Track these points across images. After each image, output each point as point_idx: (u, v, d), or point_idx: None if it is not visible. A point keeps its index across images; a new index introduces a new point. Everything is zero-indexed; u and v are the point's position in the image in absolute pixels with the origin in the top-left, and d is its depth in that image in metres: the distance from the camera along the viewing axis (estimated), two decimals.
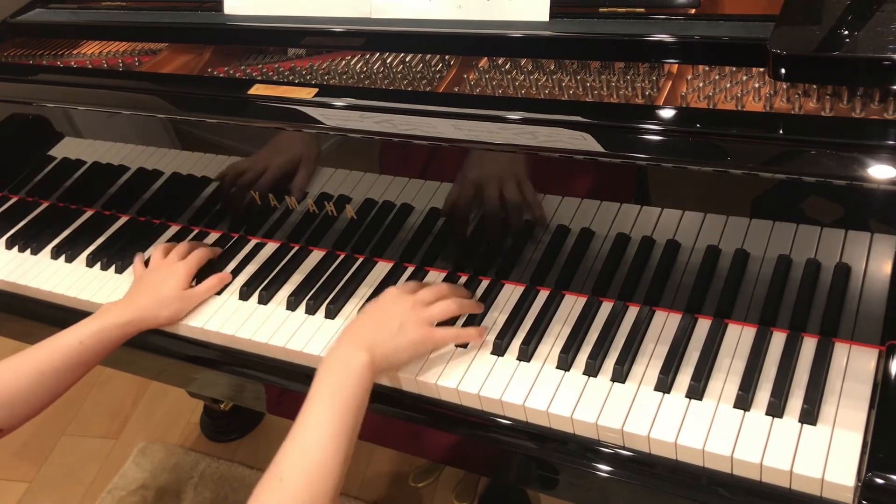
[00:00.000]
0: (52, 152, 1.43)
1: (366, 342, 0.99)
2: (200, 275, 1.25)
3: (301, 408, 0.93)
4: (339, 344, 1.01)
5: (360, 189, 1.17)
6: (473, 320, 1.10)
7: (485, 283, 1.15)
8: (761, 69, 0.99)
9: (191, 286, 1.22)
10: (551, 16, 1.09)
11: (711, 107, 0.98)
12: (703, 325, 1.03)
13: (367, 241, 1.23)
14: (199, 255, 1.26)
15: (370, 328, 1.02)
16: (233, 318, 1.18)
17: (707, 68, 1.03)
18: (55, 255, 1.37)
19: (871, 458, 0.82)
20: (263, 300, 1.20)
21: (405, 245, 1.20)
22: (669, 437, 0.90)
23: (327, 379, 0.96)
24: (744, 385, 0.93)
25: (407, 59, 1.22)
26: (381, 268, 1.22)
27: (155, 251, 1.28)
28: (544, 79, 1.10)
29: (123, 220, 1.43)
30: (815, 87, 0.94)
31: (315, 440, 0.90)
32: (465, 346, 1.06)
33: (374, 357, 0.98)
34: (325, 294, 1.18)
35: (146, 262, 1.28)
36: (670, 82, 1.03)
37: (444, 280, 1.17)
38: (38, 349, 1.09)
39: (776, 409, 0.90)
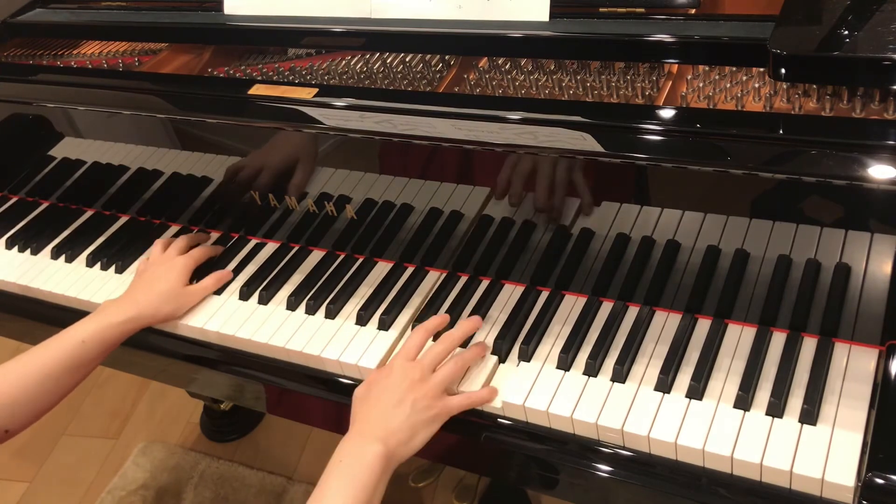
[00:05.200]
0: (52, 152, 1.43)
1: (378, 431, 0.93)
2: (202, 273, 1.25)
3: (309, 499, 0.89)
4: (350, 435, 0.95)
5: (360, 189, 1.17)
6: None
7: (485, 283, 1.15)
8: (761, 69, 0.99)
9: (190, 283, 1.22)
10: (551, 16, 1.09)
11: (711, 107, 0.98)
12: (703, 325, 1.02)
13: (367, 241, 1.23)
14: (200, 253, 1.26)
15: (380, 413, 0.95)
16: (233, 318, 1.18)
17: (707, 68, 1.03)
18: (55, 255, 1.37)
19: (871, 458, 0.81)
20: (263, 300, 1.20)
21: (405, 245, 1.20)
22: (669, 437, 0.90)
23: (338, 474, 0.90)
24: (744, 385, 0.93)
25: (407, 59, 1.22)
26: (381, 268, 1.22)
27: (155, 245, 1.28)
28: (544, 79, 1.10)
29: (123, 220, 1.43)
30: (815, 87, 0.94)
31: None
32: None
33: (388, 446, 0.92)
34: (325, 294, 1.18)
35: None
36: (670, 82, 1.03)
37: (444, 280, 1.17)
38: (41, 350, 1.09)
39: (776, 409, 0.90)
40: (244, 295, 1.22)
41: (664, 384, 0.96)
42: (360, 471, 0.90)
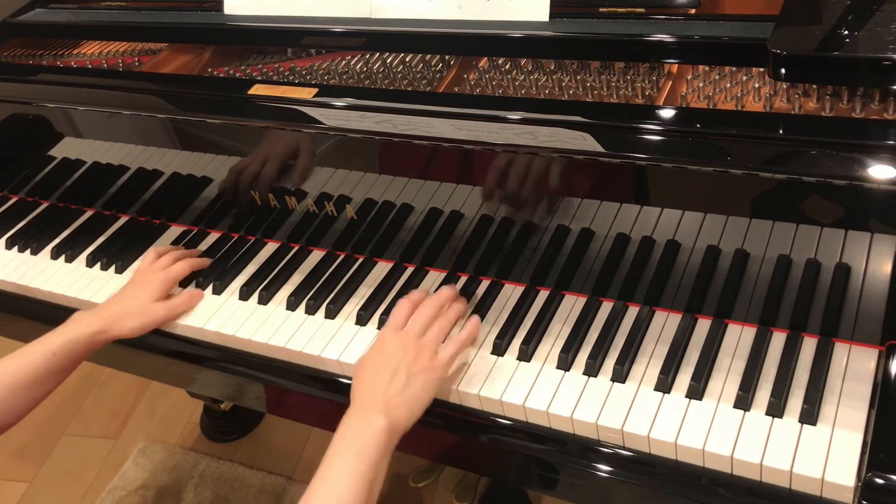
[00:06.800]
0: (52, 152, 1.43)
1: (379, 403, 0.94)
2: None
3: (315, 476, 0.89)
4: (352, 411, 0.95)
5: (360, 189, 1.17)
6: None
7: (485, 283, 1.15)
8: (761, 69, 0.99)
9: (168, 298, 1.21)
10: (551, 16, 1.09)
11: (711, 107, 0.98)
12: (703, 325, 1.03)
13: (367, 241, 1.23)
14: (178, 271, 1.23)
15: (379, 386, 0.96)
16: (233, 318, 1.18)
17: (707, 68, 1.03)
18: (55, 255, 1.37)
19: (871, 458, 0.82)
20: (263, 300, 1.20)
21: (405, 245, 1.20)
22: (669, 437, 0.90)
23: (342, 450, 0.91)
24: (744, 385, 0.93)
25: (407, 59, 1.22)
26: (381, 268, 1.22)
27: (146, 254, 1.27)
28: (544, 79, 1.10)
29: (123, 220, 1.43)
30: (815, 87, 0.94)
31: None
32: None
33: (391, 419, 0.92)
34: (325, 294, 1.18)
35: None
36: (670, 82, 1.03)
37: (444, 281, 1.17)
38: (10, 361, 1.09)
39: (776, 409, 0.90)
40: (244, 295, 1.21)
41: (664, 384, 0.96)
42: (364, 445, 0.91)
